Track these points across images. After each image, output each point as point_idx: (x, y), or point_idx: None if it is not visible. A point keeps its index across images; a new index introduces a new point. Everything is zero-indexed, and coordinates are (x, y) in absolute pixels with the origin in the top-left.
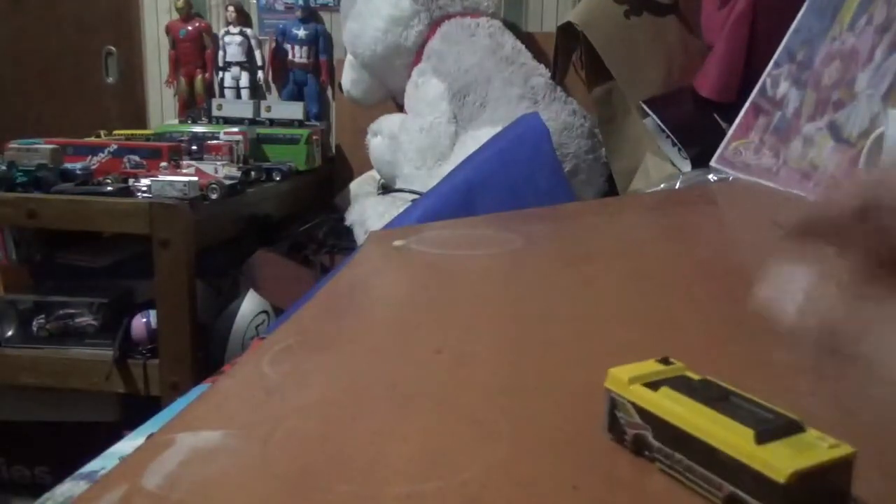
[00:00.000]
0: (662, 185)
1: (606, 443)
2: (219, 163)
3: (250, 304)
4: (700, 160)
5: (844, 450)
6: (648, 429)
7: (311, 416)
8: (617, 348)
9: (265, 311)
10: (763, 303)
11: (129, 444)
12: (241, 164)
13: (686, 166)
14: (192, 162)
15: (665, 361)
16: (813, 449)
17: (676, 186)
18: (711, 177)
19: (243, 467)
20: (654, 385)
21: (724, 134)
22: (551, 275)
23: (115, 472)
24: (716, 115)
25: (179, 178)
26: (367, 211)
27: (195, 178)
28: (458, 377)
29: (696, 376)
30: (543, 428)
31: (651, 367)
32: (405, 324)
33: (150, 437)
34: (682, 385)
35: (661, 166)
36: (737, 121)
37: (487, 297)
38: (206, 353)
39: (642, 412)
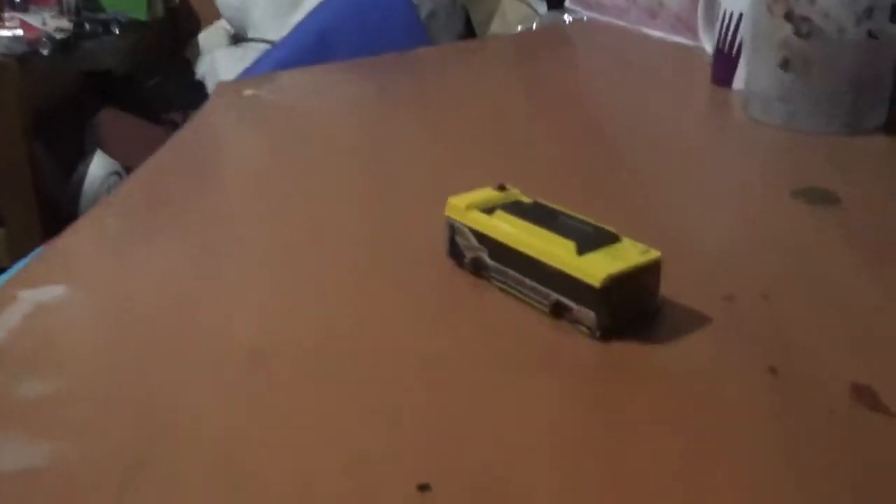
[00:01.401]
0: (520, 28)
1: (449, 268)
2: (47, 14)
3: (100, 166)
4: (556, 1)
5: (653, 255)
6: (484, 250)
7: (159, 267)
8: (463, 184)
9: (117, 173)
10: None
11: None
12: (72, 17)
13: (542, 8)
14: (16, 14)
15: (501, 188)
16: (625, 256)
17: (533, 28)
18: (567, 17)
19: (90, 319)
20: (489, 210)
21: None
22: (405, 121)
23: None
24: None
25: (3, 33)
26: (218, 62)
27: (20, 32)
28: (308, 226)
29: (528, 200)
30: (392, 259)
31: (488, 194)
32: (255, 173)
33: None
34: (514, 208)
35: (518, 8)
36: None
37: (340, 145)
38: (56, 219)
39: (479, 235)
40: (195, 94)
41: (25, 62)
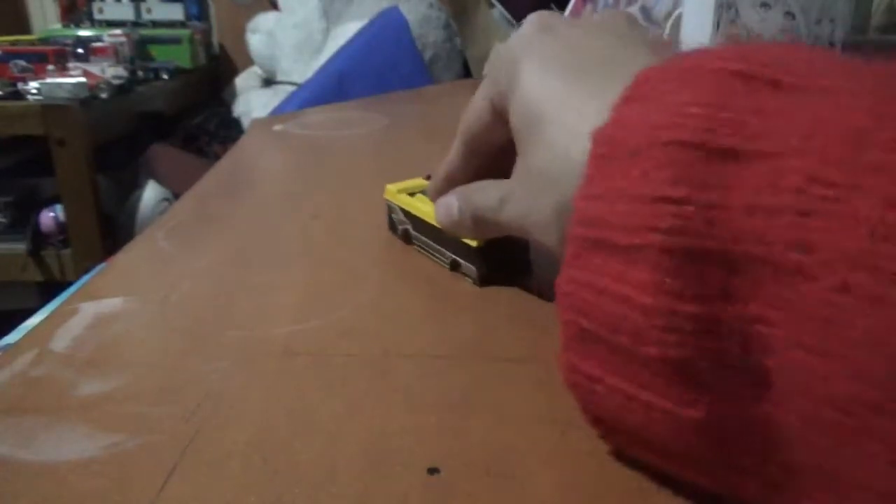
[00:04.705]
0: None
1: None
2: (105, 64)
3: (152, 193)
4: None
5: None
6: (409, 224)
7: (204, 278)
8: None
9: (167, 199)
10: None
11: (40, 318)
12: (127, 65)
13: None
14: (79, 64)
15: (428, 178)
16: None
17: None
18: None
19: (144, 326)
20: (413, 194)
21: None
22: (413, 146)
23: (25, 339)
24: (552, 4)
25: (68, 80)
26: (252, 102)
27: (83, 79)
28: (333, 236)
29: None
30: (406, 270)
31: (417, 182)
32: (285, 196)
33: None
34: None
35: None
36: (568, 8)
37: (358, 169)
38: (115, 239)
39: (405, 213)
40: (233, 129)
41: (87, 105)
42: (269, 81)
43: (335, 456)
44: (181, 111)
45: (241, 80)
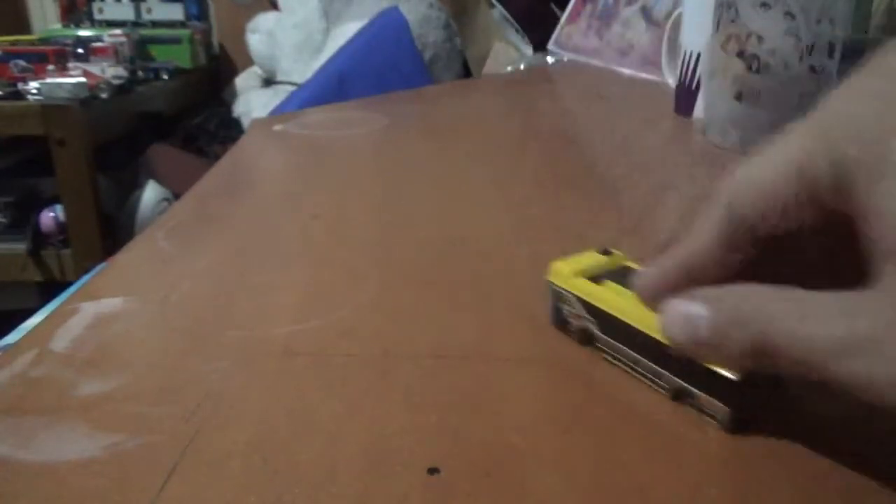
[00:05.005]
0: (510, 68)
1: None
2: (105, 64)
3: (152, 193)
4: (540, 45)
5: None
6: (594, 321)
7: (204, 278)
8: (467, 200)
9: (167, 199)
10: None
11: (40, 318)
12: (127, 65)
13: (529, 51)
14: (79, 64)
15: (606, 252)
16: None
17: (521, 68)
18: (549, 58)
19: (144, 326)
20: (596, 279)
21: (558, 21)
22: (414, 146)
23: (25, 339)
24: (552, 5)
25: (68, 80)
26: (252, 102)
27: (83, 79)
28: (333, 236)
29: (637, 267)
30: (406, 270)
31: (592, 258)
32: (285, 196)
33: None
34: (624, 277)
35: (508, 51)
36: (568, 8)
37: (359, 169)
38: (115, 239)
39: (587, 305)
40: (232, 129)
41: (87, 105)
42: (269, 81)
43: (335, 456)
44: (181, 111)
45: (241, 80)
